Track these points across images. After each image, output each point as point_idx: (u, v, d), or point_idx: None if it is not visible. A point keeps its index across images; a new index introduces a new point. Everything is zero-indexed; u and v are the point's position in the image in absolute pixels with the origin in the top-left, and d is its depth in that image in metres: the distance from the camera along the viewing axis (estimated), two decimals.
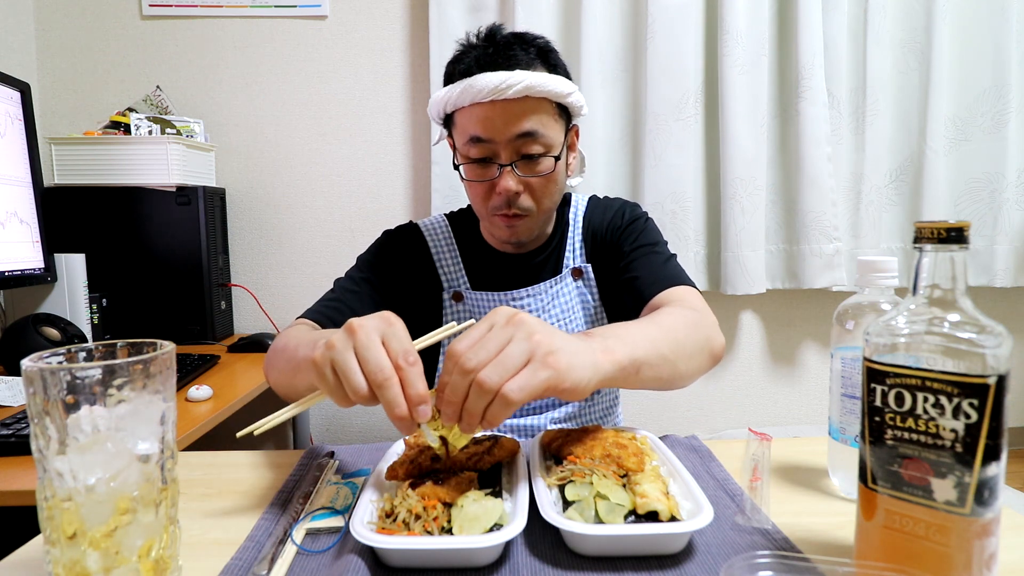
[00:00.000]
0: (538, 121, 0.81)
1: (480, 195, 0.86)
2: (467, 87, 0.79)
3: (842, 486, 0.60)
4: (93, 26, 1.66)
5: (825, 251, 1.68)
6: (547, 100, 0.82)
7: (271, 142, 1.72)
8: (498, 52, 0.82)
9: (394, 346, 0.49)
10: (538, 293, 0.93)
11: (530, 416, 0.93)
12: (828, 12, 1.65)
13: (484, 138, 0.81)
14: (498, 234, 0.90)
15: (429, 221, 1.00)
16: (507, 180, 0.82)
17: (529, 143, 0.81)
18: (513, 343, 0.49)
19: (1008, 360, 0.38)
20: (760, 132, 1.65)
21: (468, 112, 0.82)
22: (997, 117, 1.71)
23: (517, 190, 0.83)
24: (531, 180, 0.83)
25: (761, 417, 1.89)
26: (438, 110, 0.87)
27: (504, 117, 0.80)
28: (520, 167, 0.82)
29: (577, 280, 0.95)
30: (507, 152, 0.82)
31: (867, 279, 0.57)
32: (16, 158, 1.20)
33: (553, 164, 0.84)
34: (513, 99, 0.79)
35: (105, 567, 0.39)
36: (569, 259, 0.96)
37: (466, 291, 0.94)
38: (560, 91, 0.81)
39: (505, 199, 0.83)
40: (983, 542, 0.38)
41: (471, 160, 0.84)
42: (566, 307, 0.94)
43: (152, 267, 1.49)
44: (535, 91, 0.79)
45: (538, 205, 0.86)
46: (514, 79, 0.78)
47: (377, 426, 1.81)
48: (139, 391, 0.40)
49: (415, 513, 0.48)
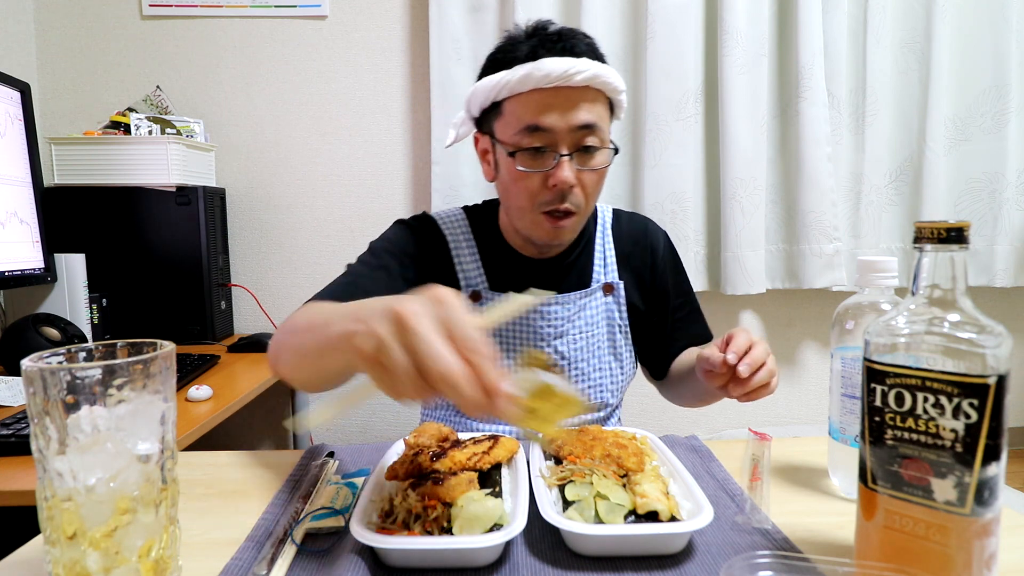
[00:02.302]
0: (597, 114, 0.79)
1: (530, 189, 0.80)
2: (532, 71, 0.76)
3: (842, 486, 0.60)
4: (93, 26, 1.66)
5: (825, 251, 1.68)
6: (603, 94, 0.80)
7: (271, 142, 1.72)
8: (562, 40, 0.79)
9: (458, 335, 0.41)
10: (566, 302, 0.90)
11: None
12: (828, 12, 1.65)
13: (543, 126, 0.77)
14: (540, 235, 0.84)
15: (446, 214, 0.94)
16: (566, 170, 0.77)
17: (588, 135, 0.78)
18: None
19: (1008, 360, 0.38)
20: (760, 132, 1.65)
21: (526, 99, 0.78)
22: (997, 117, 1.71)
23: (574, 183, 0.79)
24: (585, 174, 0.80)
25: (761, 417, 1.89)
26: (484, 99, 0.82)
27: (567, 105, 0.77)
28: (577, 158, 0.79)
29: (608, 296, 0.93)
30: (567, 142, 0.78)
31: (867, 279, 0.57)
32: (16, 158, 1.20)
33: (609, 158, 0.81)
34: (576, 88, 0.77)
35: (105, 567, 0.39)
36: (599, 272, 0.93)
37: (485, 292, 0.89)
38: (617, 86, 0.80)
39: (559, 192, 0.79)
40: (983, 542, 0.38)
41: (524, 149, 0.79)
42: (591, 321, 0.92)
43: (152, 267, 1.48)
44: (598, 81, 0.77)
45: (587, 203, 0.82)
46: (581, 66, 0.76)
47: (377, 426, 1.81)
48: (139, 391, 0.40)
49: (415, 513, 0.48)
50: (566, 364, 0.90)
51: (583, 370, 0.91)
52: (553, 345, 0.90)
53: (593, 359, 0.92)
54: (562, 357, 0.90)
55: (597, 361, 0.92)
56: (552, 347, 0.90)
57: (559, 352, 0.90)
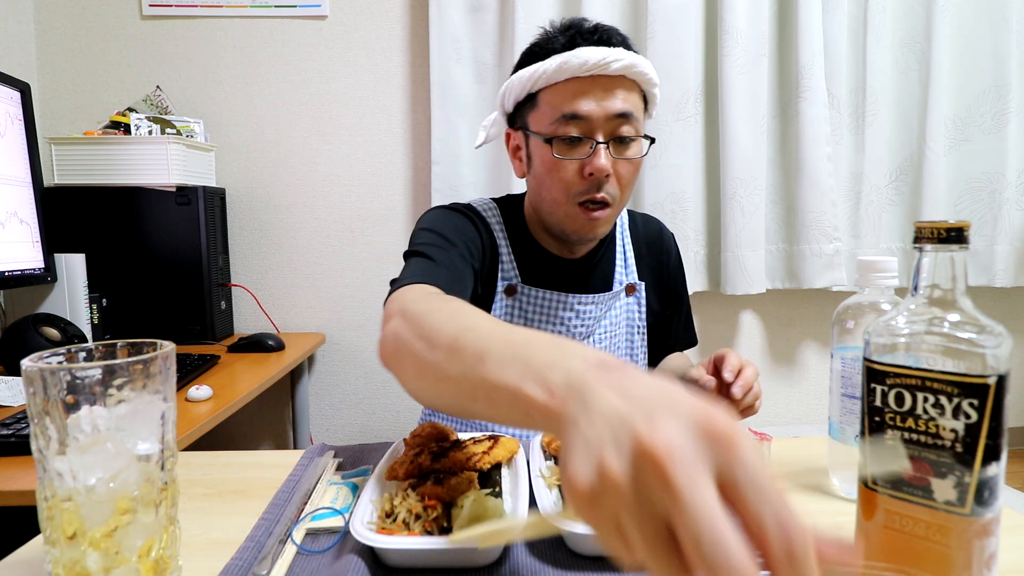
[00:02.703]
0: (633, 104, 0.79)
1: (566, 179, 0.79)
2: (567, 60, 0.76)
3: (842, 486, 0.60)
4: (93, 26, 1.66)
5: (825, 251, 1.68)
6: (638, 86, 0.81)
7: (271, 142, 1.72)
8: (598, 31, 0.80)
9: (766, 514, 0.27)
10: (599, 302, 0.89)
11: None
12: (828, 12, 1.65)
13: (581, 115, 0.77)
14: (575, 228, 0.82)
15: (480, 203, 0.91)
16: (602, 158, 0.77)
17: (624, 124, 0.78)
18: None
19: (1008, 360, 0.38)
20: (760, 132, 1.65)
21: (562, 88, 0.78)
22: (997, 117, 1.71)
23: (610, 171, 0.78)
24: (620, 164, 0.79)
25: (761, 417, 1.89)
26: (520, 91, 0.82)
27: (603, 93, 0.77)
28: (613, 147, 0.78)
29: (630, 296, 0.93)
30: (604, 130, 0.78)
31: (867, 279, 0.57)
32: (16, 158, 1.19)
33: (644, 148, 0.81)
34: (612, 76, 0.77)
35: (105, 567, 0.39)
36: (622, 273, 0.93)
37: (519, 285, 0.88)
38: (651, 78, 0.81)
39: (595, 182, 0.78)
40: (983, 542, 0.38)
41: (561, 139, 0.78)
42: (614, 321, 0.92)
43: (152, 267, 1.48)
44: (633, 71, 0.78)
45: (621, 194, 0.81)
46: (617, 55, 0.76)
47: (377, 426, 1.81)
48: (139, 391, 0.40)
49: (415, 513, 0.48)
50: None
51: None
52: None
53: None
54: None
55: None
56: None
57: None
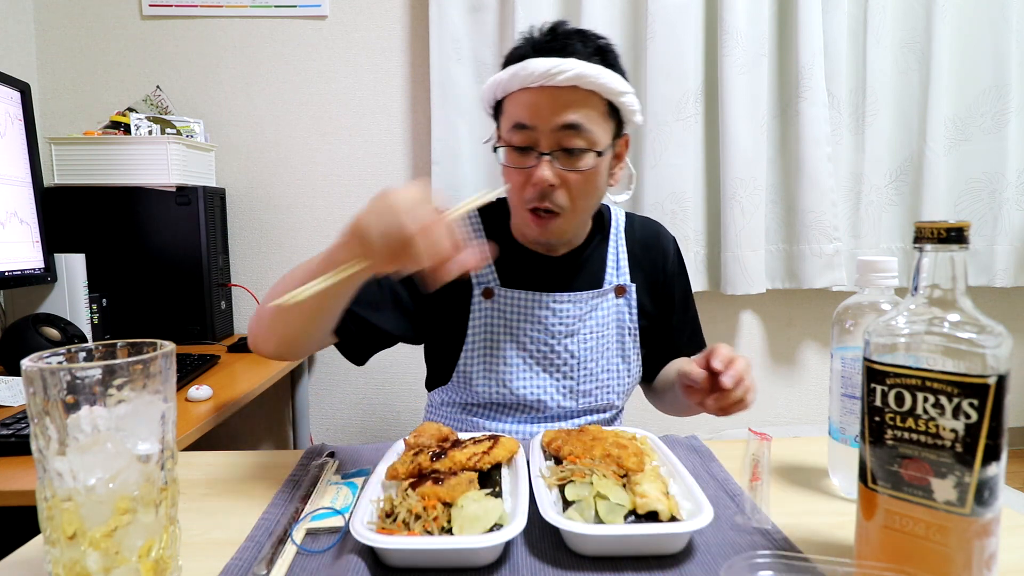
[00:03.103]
0: (585, 115, 0.78)
1: (516, 185, 0.83)
2: (518, 71, 0.78)
3: (842, 486, 0.60)
4: (93, 26, 1.66)
5: (825, 251, 1.68)
6: (597, 96, 0.79)
7: (271, 142, 1.72)
8: (555, 40, 0.80)
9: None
10: (578, 301, 0.90)
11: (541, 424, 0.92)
12: (828, 12, 1.65)
13: (527, 124, 0.79)
14: (527, 231, 0.87)
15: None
16: (544, 170, 0.78)
17: (572, 136, 0.78)
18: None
19: (1008, 360, 0.38)
20: (760, 132, 1.65)
21: (516, 97, 0.80)
22: (997, 117, 1.71)
23: (553, 183, 0.79)
24: (569, 175, 0.80)
25: (761, 417, 1.89)
26: (489, 98, 0.86)
27: (551, 106, 0.78)
28: (560, 159, 0.79)
29: (619, 297, 0.93)
30: (548, 141, 0.79)
31: (867, 279, 0.57)
32: (16, 158, 1.20)
33: (594, 161, 0.80)
34: (562, 87, 0.77)
35: (105, 567, 0.39)
36: (612, 274, 0.93)
37: (496, 288, 0.89)
38: (612, 87, 0.79)
39: (539, 191, 0.80)
40: (983, 542, 0.38)
41: (512, 147, 0.81)
42: (601, 321, 0.92)
43: (152, 267, 1.48)
44: (585, 81, 0.77)
45: (573, 204, 0.82)
46: (565, 66, 0.76)
47: (377, 426, 1.81)
48: (139, 391, 0.40)
49: (415, 513, 0.48)
50: (575, 363, 0.91)
51: (591, 370, 0.91)
52: (564, 344, 0.90)
53: (602, 360, 0.92)
54: (572, 356, 0.90)
55: (605, 362, 0.92)
56: (563, 345, 0.90)
57: (569, 351, 0.90)
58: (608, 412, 0.95)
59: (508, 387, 0.89)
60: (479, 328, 0.90)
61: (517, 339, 0.90)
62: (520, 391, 0.89)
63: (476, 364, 0.90)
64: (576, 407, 0.91)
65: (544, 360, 0.90)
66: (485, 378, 0.90)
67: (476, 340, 0.90)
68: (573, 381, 0.90)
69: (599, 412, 0.94)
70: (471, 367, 0.90)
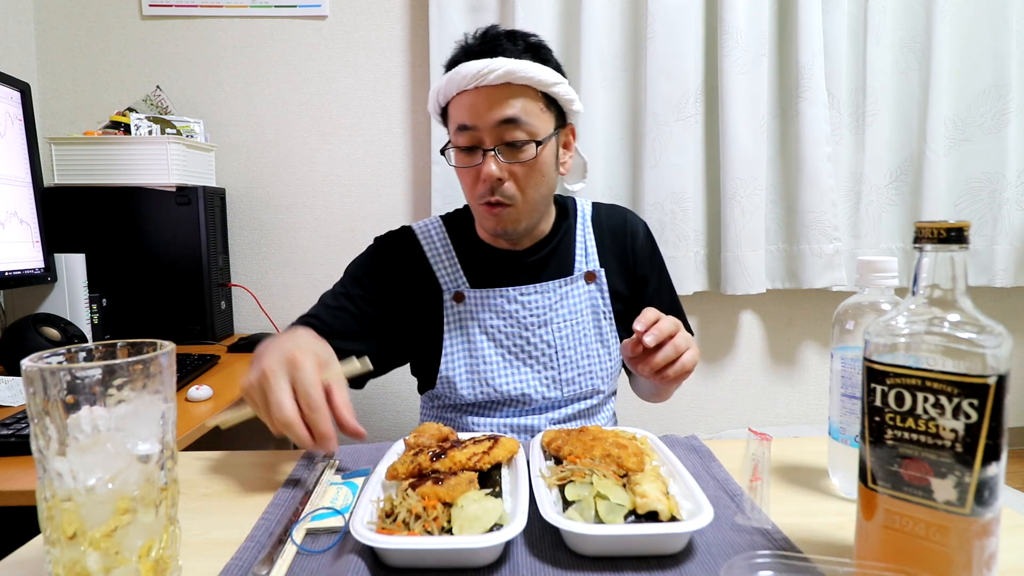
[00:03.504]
0: (521, 108, 0.83)
1: (467, 183, 0.88)
2: (452, 76, 0.83)
3: (842, 486, 0.60)
4: (93, 26, 1.66)
5: (825, 251, 1.68)
6: (532, 89, 0.84)
7: (271, 142, 1.72)
8: (484, 44, 0.85)
9: (301, 391, 0.59)
10: (546, 291, 0.93)
11: (530, 416, 0.93)
12: (828, 12, 1.65)
13: (469, 125, 0.83)
14: (485, 224, 0.91)
15: (423, 223, 1.00)
16: (489, 165, 0.83)
17: (511, 129, 0.83)
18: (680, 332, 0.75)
19: (1008, 360, 0.38)
20: (760, 132, 1.65)
21: (456, 101, 0.85)
22: (997, 117, 1.71)
23: (500, 176, 0.84)
24: (514, 167, 0.84)
25: (761, 417, 1.89)
26: (434, 107, 0.90)
27: (487, 103, 0.82)
28: (503, 153, 0.84)
29: (590, 283, 0.96)
30: (490, 138, 0.83)
31: (867, 279, 0.57)
32: (16, 158, 1.19)
33: (535, 151, 0.84)
34: (495, 86, 0.81)
35: (105, 567, 0.39)
36: (581, 261, 0.96)
37: (466, 290, 0.93)
38: (543, 79, 0.83)
39: (489, 186, 0.84)
40: (983, 542, 0.38)
41: (459, 148, 0.86)
42: (574, 308, 0.94)
43: (152, 267, 1.48)
44: (516, 77, 0.81)
45: (523, 194, 0.86)
46: (494, 65, 0.80)
47: (377, 426, 1.81)
48: (139, 391, 0.40)
49: (415, 513, 0.48)
50: (553, 352, 0.93)
51: (570, 357, 0.93)
52: (538, 334, 0.92)
53: (580, 346, 0.94)
54: (548, 345, 0.92)
55: (584, 348, 0.94)
56: (537, 336, 0.92)
57: (545, 340, 0.92)
58: (595, 398, 0.96)
59: (491, 385, 0.91)
60: (455, 332, 0.93)
61: (493, 337, 0.92)
62: (503, 387, 0.91)
63: (457, 368, 0.92)
64: (561, 396, 0.93)
65: (522, 353, 0.92)
66: (468, 380, 0.92)
67: (454, 344, 0.93)
68: (554, 371, 0.92)
69: (585, 399, 0.95)
70: (453, 371, 0.92)
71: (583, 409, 0.96)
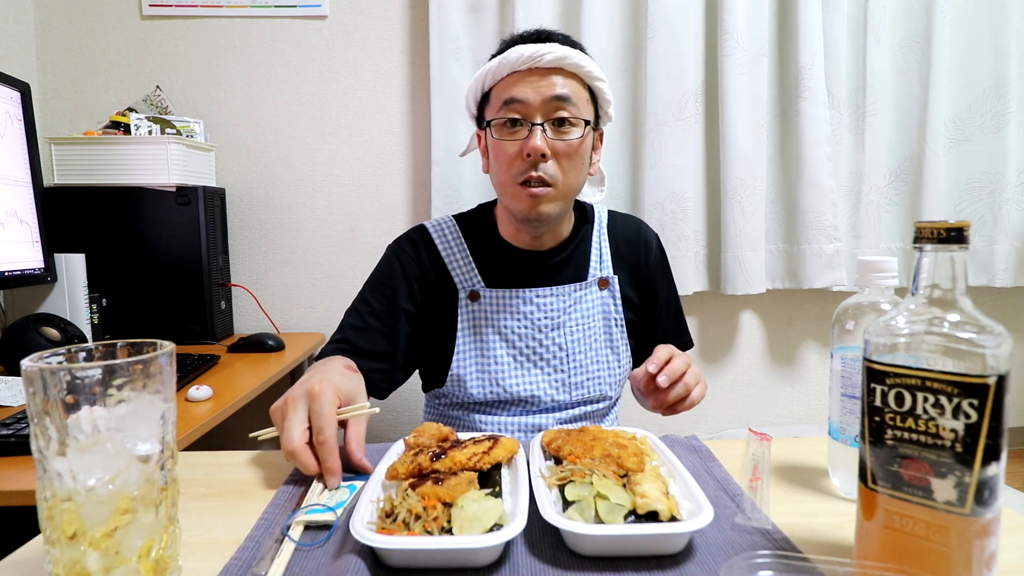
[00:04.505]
0: (570, 88, 0.84)
1: (508, 158, 0.86)
2: (504, 57, 0.84)
3: (842, 486, 0.60)
4: (93, 26, 1.66)
5: (825, 251, 1.68)
6: (579, 79, 0.86)
7: (271, 142, 1.72)
8: (536, 34, 0.87)
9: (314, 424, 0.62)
10: (561, 294, 0.93)
11: (537, 415, 0.93)
12: (828, 12, 1.65)
13: (519, 98, 0.84)
14: (520, 208, 0.87)
15: (436, 222, 0.99)
16: (537, 138, 0.83)
17: (562, 107, 0.84)
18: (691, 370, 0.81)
19: (1008, 360, 0.38)
20: (760, 132, 1.65)
21: (505, 81, 0.86)
22: (997, 117, 1.71)
23: (544, 151, 0.83)
24: (559, 145, 0.84)
25: (761, 417, 1.89)
26: (475, 93, 0.91)
27: (539, 80, 0.84)
28: (551, 130, 0.84)
29: (603, 290, 0.96)
30: (541, 111, 0.84)
31: (867, 279, 0.57)
32: (16, 158, 1.19)
33: (583, 131, 0.85)
34: (547, 68, 0.83)
35: (105, 567, 0.39)
36: (595, 267, 0.96)
37: (482, 290, 0.93)
38: (591, 71, 0.86)
39: (531, 162, 0.84)
40: (983, 542, 0.38)
41: (502, 123, 0.86)
42: (587, 313, 0.94)
43: (152, 267, 1.48)
44: (567, 63, 0.83)
45: (563, 176, 0.86)
46: (548, 48, 0.83)
47: (377, 426, 1.81)
48: (139, 391, 0.40)
49: (415, 513, 0.48)
50: (564, 355, 0.93)
51: (580, 362, 0.94)
52: (551, 337, 0.92)
53: (590, 351, 0.94)
54: (560, 348, 0.93)
55: (594, 354, 0.95)
56: (550, 338, 0.92)
57: (557, 343, 0.93)
58: (602, 403, 0.96)
59: (501, 385, 0.91)
60: (468, 331, 0.93)
61: (505, 337, 0.92)
62: (513, 388, 0.91)
63: (468, 366, 0.92)
64: (569, 399, 0.93)
65: (534, 355, 0.92)
66: (478, 379, 0.92)
67: (466, 343, 0.93)
68: (564, 374, 0.92)
69: (593, 403, 0.96)
70: (464, 370, 0.92)
71: (589, 412, 0.96)
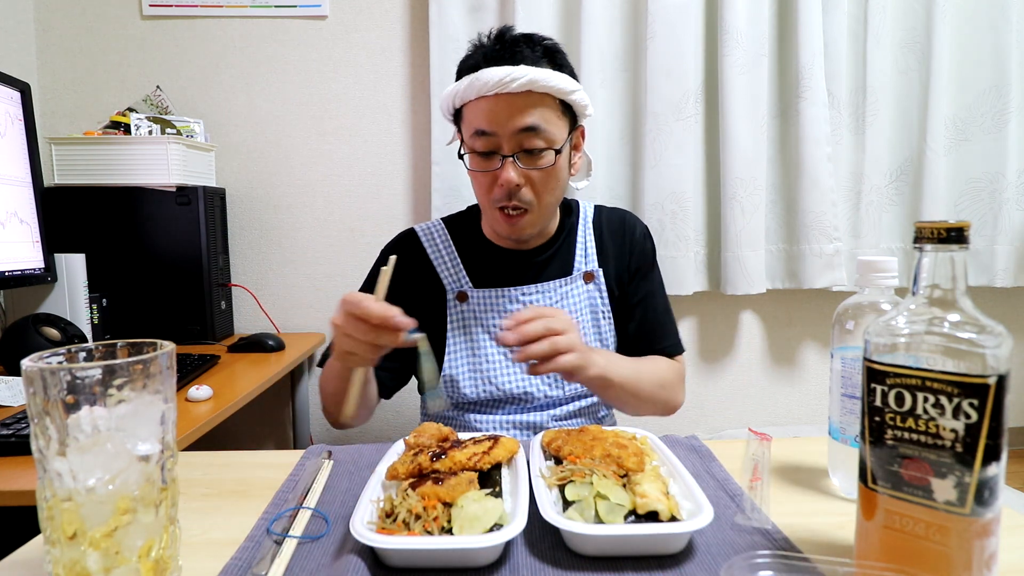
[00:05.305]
0: (541, 116, 0.83)
1: (483, 187, 0.89)
2: (473, 81, 0.82)
3: (842, 486, 0.60)
4: (93, 26, 1.66)
5: (825, 251, 1.68)
6: (550, 96, 0.84)
7: (271, 142, 1.72)
8: (504, 49, 0.85)
9: (361, 312, 0.65)
10: (547, 291, 0.94)
11: (532, 413, 0.93)
12: (828, 12, 1.65)
13: (488, 131, 0.84)
14: (499, 229, 0.91)
15: (425, 225, 1.01)
16: (509, 171, 0.84)
17: (531, 137, 0.83)
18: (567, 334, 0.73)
19: (1008, 360, 0.38)
20: (760, 132, 1.65)
21: (474, 106, 0.85)
22: (997, 117, 1.71)
23: (519, 182, 0.84)
24: (532, 173, 0.85)
25: (761, 417, 1.89)
26: (447, 106, 0.91)
27: (508, 111, 0.82)
28: (522, 160, 0.84)
29: (588, 283, 0.97)
30: (510, 144, 0.84)
31: (867, 279, 0.57)
32: (16, 158, 1.19)
33: (554, 158, 0.85)
34: (516, 93, 0.82)
35: (105, 567, 0.39)
36: (580, 262, 0.97)
37: (470, 290, 0.94)
38: (563, 88, 0.84)
39: (506, 191, 0.85)
40: (983, 542, 0.38)
41: (476, 152, 0.86)
42: (574, 308, 0.95)
43: (152, 267, 1.48)
44: (538, 86, 0.82)
45: (539, 199, 0.87)
46: (517, 73, 0.81)
47: (377, 426, 1.81)
48: (139, 391, 0.40)
49: (415, 513, 0.48)
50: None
51: None
52: None
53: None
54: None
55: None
56: None
57: None
58: (596, 396, 0.96)
59: (494, 384, 0.92)
60: (458, 332, 0.94)
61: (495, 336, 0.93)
62: (506, 386, 0.92)
63: (460, 367, 0.93)
64: (563, 395, 0.94)
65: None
66: (471, 379, 0.93)
67: (457, 343, 0.94)
68: None
69: (586, 396, 0.96)
70: (456, 370, 0.93)
71: (584, 407, 0.96)
